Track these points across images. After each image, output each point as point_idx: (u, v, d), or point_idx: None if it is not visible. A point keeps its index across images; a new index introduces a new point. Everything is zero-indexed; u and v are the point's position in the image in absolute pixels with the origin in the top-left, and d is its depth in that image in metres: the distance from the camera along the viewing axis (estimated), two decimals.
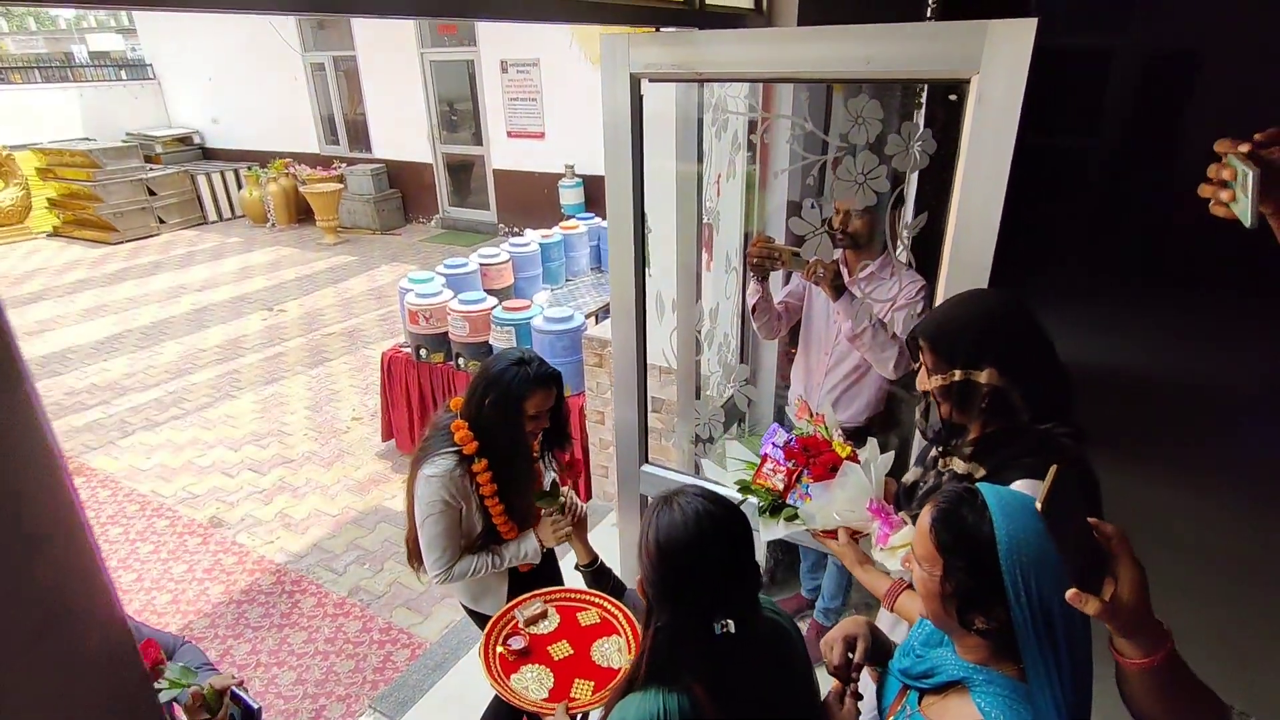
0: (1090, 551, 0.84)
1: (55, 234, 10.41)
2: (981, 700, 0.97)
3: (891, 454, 1.63)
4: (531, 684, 1.57)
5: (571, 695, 1.54)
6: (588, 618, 1.76)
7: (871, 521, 1.50)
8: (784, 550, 3.02)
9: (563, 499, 1.90)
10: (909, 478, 1.59)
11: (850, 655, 1.23)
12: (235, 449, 4.69)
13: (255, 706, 1.40)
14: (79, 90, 11.51)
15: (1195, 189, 0.89)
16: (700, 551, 1.08)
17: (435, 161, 9.97)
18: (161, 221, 10.40)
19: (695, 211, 2.16)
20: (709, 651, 1.08)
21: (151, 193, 10.28)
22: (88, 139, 11.00)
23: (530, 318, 3.80)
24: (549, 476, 1.99)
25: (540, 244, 5.09)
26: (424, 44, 9.32)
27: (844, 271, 2.30)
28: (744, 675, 1.10)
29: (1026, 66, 1.36)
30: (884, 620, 1.70)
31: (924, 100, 2.06)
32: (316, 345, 6.31)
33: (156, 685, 1.31)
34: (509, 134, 9.06)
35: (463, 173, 10.01)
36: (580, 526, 1.89)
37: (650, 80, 1.78)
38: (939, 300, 1.56)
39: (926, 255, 1.71)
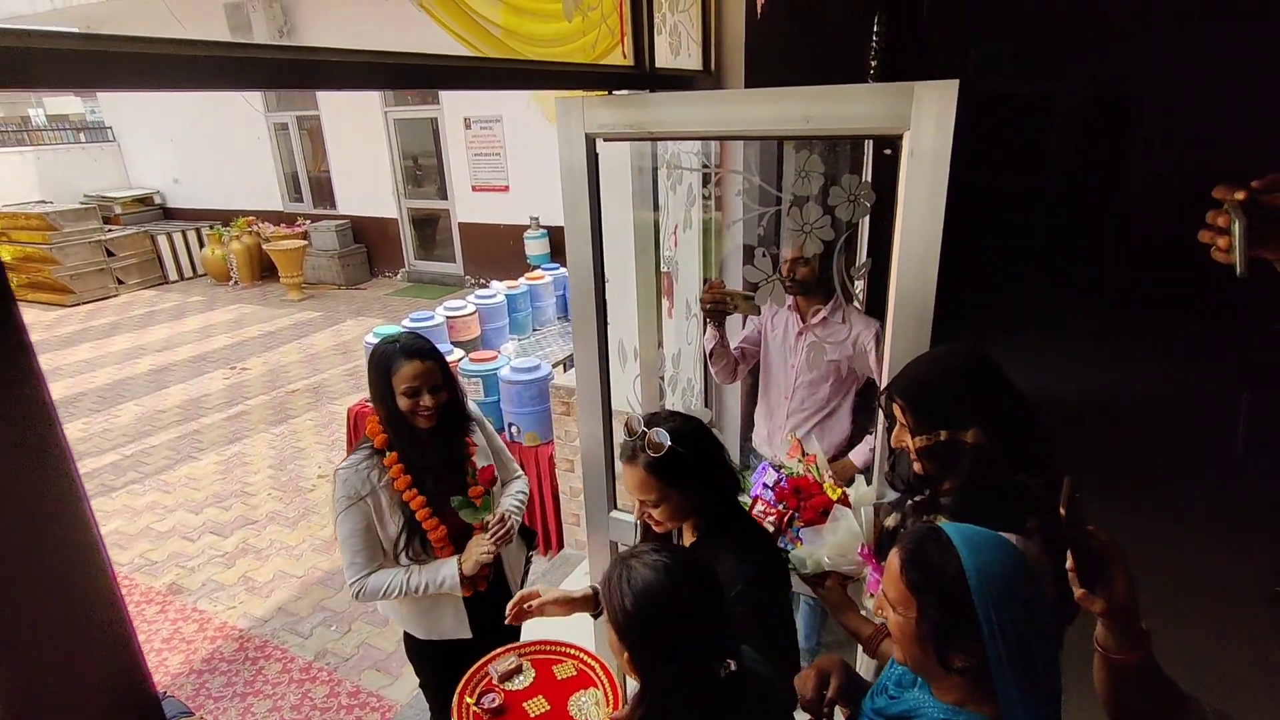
0: (1089, 556, 0.92)
1: None
2: None
3: (874, 489, 1.67)
4: None
5: None
6: (564, 670, 1.73)
7: (862, 567, 1.53)
8: None
9: (488, 515, 1.85)
10: (889, 523, 1.61)
11: (824, 692, 1.25)
12: (196, 512, 4.57)
13: None
14: (36, 154, 11.40)
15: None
16: (680, 601, 1.06)
17: (400, 216, 10.04)
18: (120, 282, 10.25)
19: (654, 260, 2.24)
20: (712, 696, 1.06)
21: (110, 254, 10.15)
22: (44, 202, 10.87)
23: (497, 368, 3.82)
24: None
25: (506, 295, 5.13)
26: (387, 103, 9.48)
27: (796, 318, 2.39)
28: (737, 716, 1.10)
29: (952, 122, 1.47)
30: (862, 667, 1.72)
31: (869, 154, 2.19)
32: (280, 402, 6.22)
33: None
34: (474, 188, 9.19)
35: (428, 227, 10.09)
36: (563, 604, 1.64)
37: (605, 140, 1.86)
38: (888, 339, 1.63)
39: (879, 297, 1.79)
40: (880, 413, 1.68)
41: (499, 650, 1.76)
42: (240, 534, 4.30)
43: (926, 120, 1.49)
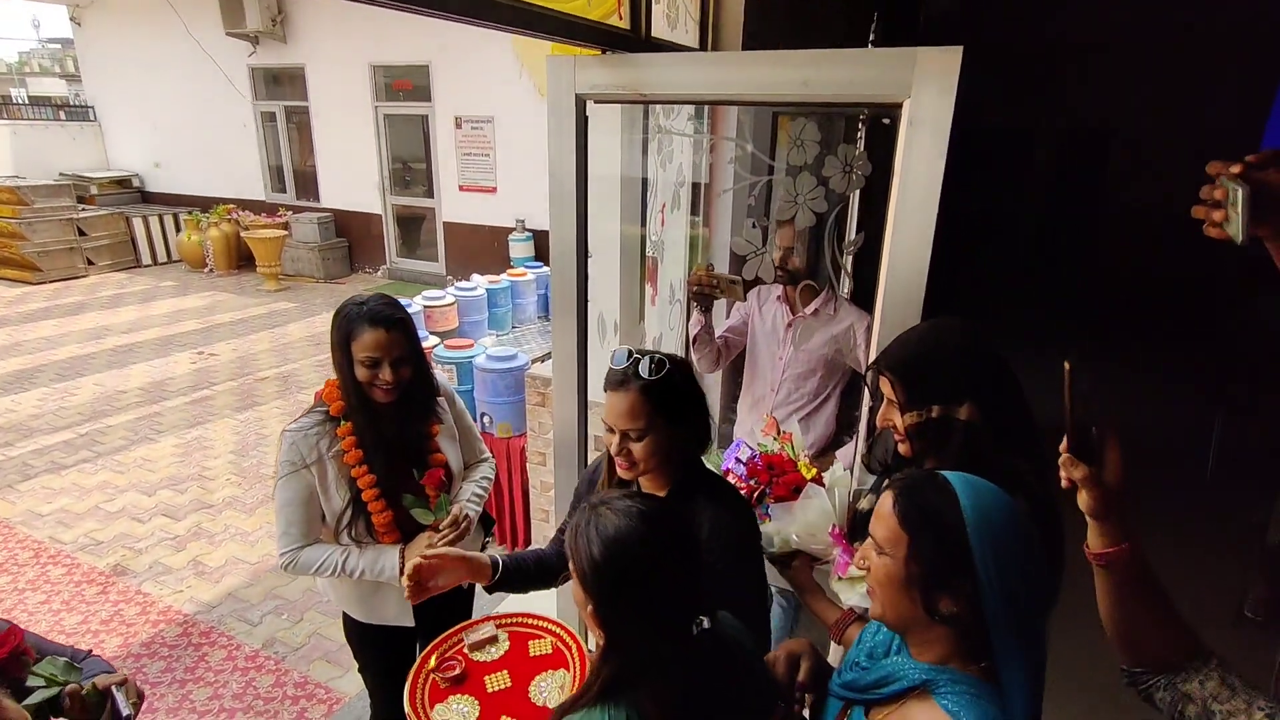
0: (1085, 435, 0.91)
1: None
2: (948, 702, 0.90)
3: (850, 474, 1.61)
4: (451, 716, 1.44)
5: None
6: (539, 647, 1.62)
7: (832, 548, 1.46)
8: None
9: (441, 516, 1.72)
10: (863, 505, 1.55)
11: (795, 676, 1.17)
12: (149, 494, 4.39)
13: (125, 714, 1.22)
14: (12, 128, 11.13)
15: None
16: (652, 550, 0.97)
17: (385, 213, 9.92)
18: (90, 263, 9.98)
19: (638, 234, 2.17)
20: (681, 657, 0.98)
21: (82, 233, 9.89)
22: (16, 177, 10.59)
23: (473, 356, 3.72)
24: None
25: (487, 289, 5.05)
26: (378, 97, 9.39)
27: (786, 310, 2.33)
28: (707, 681, 1.01)
29: (954, 90, 1.43)
30: (831, 657, 1.65)
31: (864, 126, 2.15)
32: (247, 389, 6.05)
33: (29, 683, 1.15)
34: (461, 188, 9.11)
35: (413, 225, 9.97)
36: (459, 562, 1.48)
37: (595, 101, 1.81)
38: (878, 314, 1.58)
39: (866, 278, 1.74)
40: (865, 392, 1.62)
41: (478, 619, 1.65)
42: (194, 517, 4.13)
43: (928, 87, 1.45)
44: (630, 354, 1.33)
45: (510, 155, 8.60)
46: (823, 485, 1.53)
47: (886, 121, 1.58)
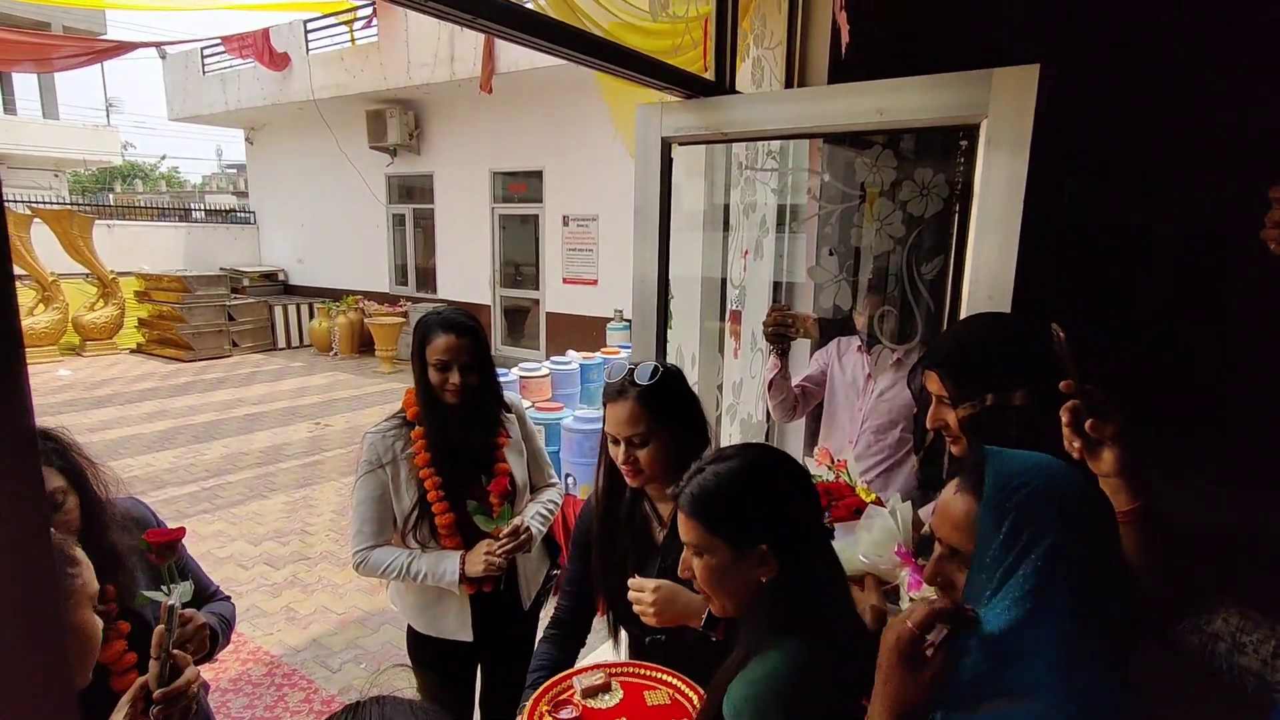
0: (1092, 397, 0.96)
1: (138, 350, 11.16)
2: None
3: (910, 504, 1.53)
4: None
5: None
6: (656, 697, 1.50)
7: (900, 568, 1.38)
8: None
9: (503, 525, 1.73)
10: (925, 530, 1.48)
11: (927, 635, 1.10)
12: (255, 544, 4.64)
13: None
14: (187, 229, 12.86)
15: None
16: (776, 458, 1.09)
17: (494, 304, 10.55)
18: (235, 345, 11.09)
19: (718, 279, 2.22)
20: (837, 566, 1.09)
21: (231, 318, 11.07)
22: (184, 271, 12.10)
23: (561, 418, 3.81)
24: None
25: (581, 364, 5.21)
26: (495, 200, 10.23)
27: (867, 360, 2.28)
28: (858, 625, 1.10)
29: (1033, 106, 1.43)
30: None
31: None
32: (354, 457, 6.35)
33: (165, 588, 1.20)
34: (564, 280, 9.61)
35: (518, 315, 10.54)
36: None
37: (679, 144, 1.91)
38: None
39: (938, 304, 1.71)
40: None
41: (585, 666, 1.60)
42: (291, 568, 4.31)
43: (1006, 106, 1.45)
44: (627, 367, 1.42)
45: (611, 251, 9.05)
46: (883, 506, 1.45)
47: (964, 143, 1.58)
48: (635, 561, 1.60)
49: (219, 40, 10.39)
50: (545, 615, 1.74)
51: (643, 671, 1.55)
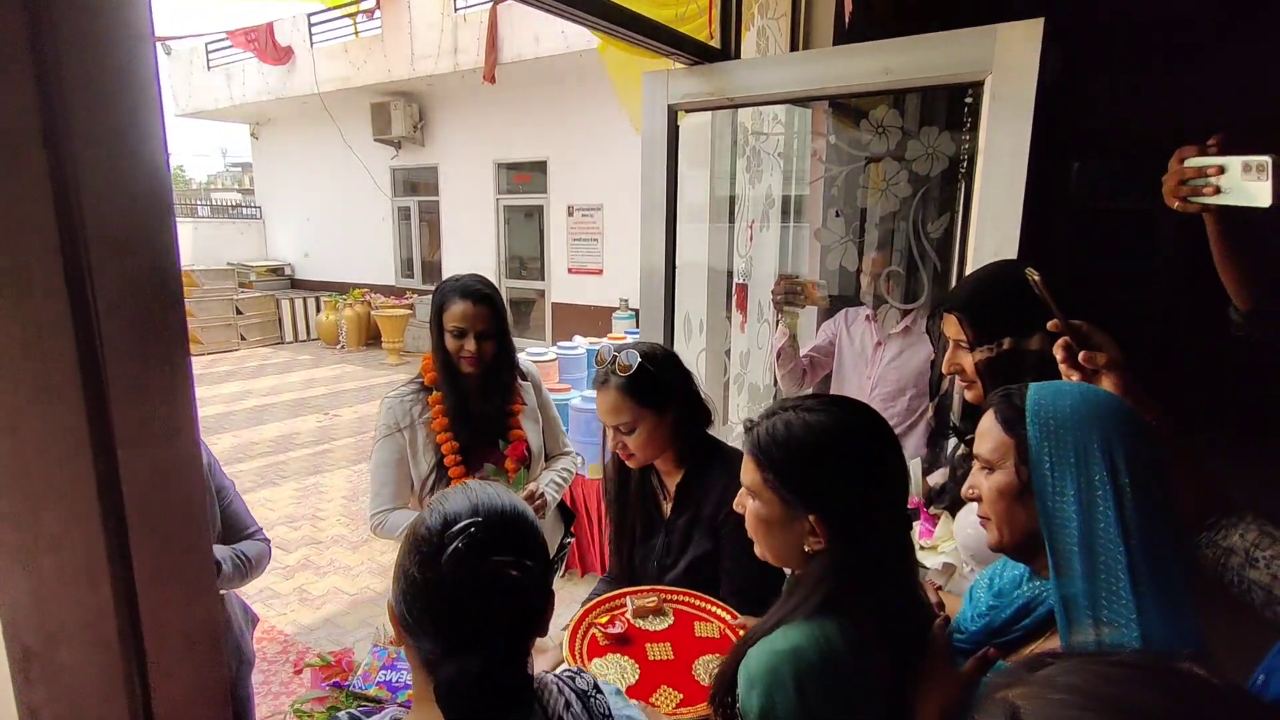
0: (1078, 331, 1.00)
1: None
2: None
3: (917, 461, 1.55)
4: (610, 672, 1.34)
5: (652, 701, 1.28)
6: (706, 629, 1.49)
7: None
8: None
9: (519, 489, 1.75)
10: (936, 479, 1.49)
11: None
12: (267, 529, 4.64)
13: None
14: (194, 225, 12.90)
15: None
16: (864, 425, 0.97)
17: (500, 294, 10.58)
18: (243, 339, 11.16)
19: (725, 249, 2.23)
20: (907, 556, 0.99)
21: (239, 312, 11.13)
22: (192, 266, 12.15)
23: (569, 399, 3.83)
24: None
25: (587, 349, 5.22)
26: (500, 191, 10.24)
27: (875, 328, 2.30)
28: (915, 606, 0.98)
29: (1037, 61, 1.44)
30: None
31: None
32: (363, 445, 6.42)
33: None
34: (569, 270, 9.63)
35: (524, 306, 10.56)
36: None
37: (686, 110, 1.93)
38: None
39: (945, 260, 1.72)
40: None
41: (643, 588, 1.56)
42: (303, 551, 4.35)
43: (1010, 62, 1.46)
44: (608, 355, 1.41)
45: (616, 240, 9.06)
46: None
47: (969, 100, 1.59)
48: (642, 534, 1.62)
49: (224, 35, 10.42)
50: (559, 582, 1.76)
51: (698, 603, 1.54)
